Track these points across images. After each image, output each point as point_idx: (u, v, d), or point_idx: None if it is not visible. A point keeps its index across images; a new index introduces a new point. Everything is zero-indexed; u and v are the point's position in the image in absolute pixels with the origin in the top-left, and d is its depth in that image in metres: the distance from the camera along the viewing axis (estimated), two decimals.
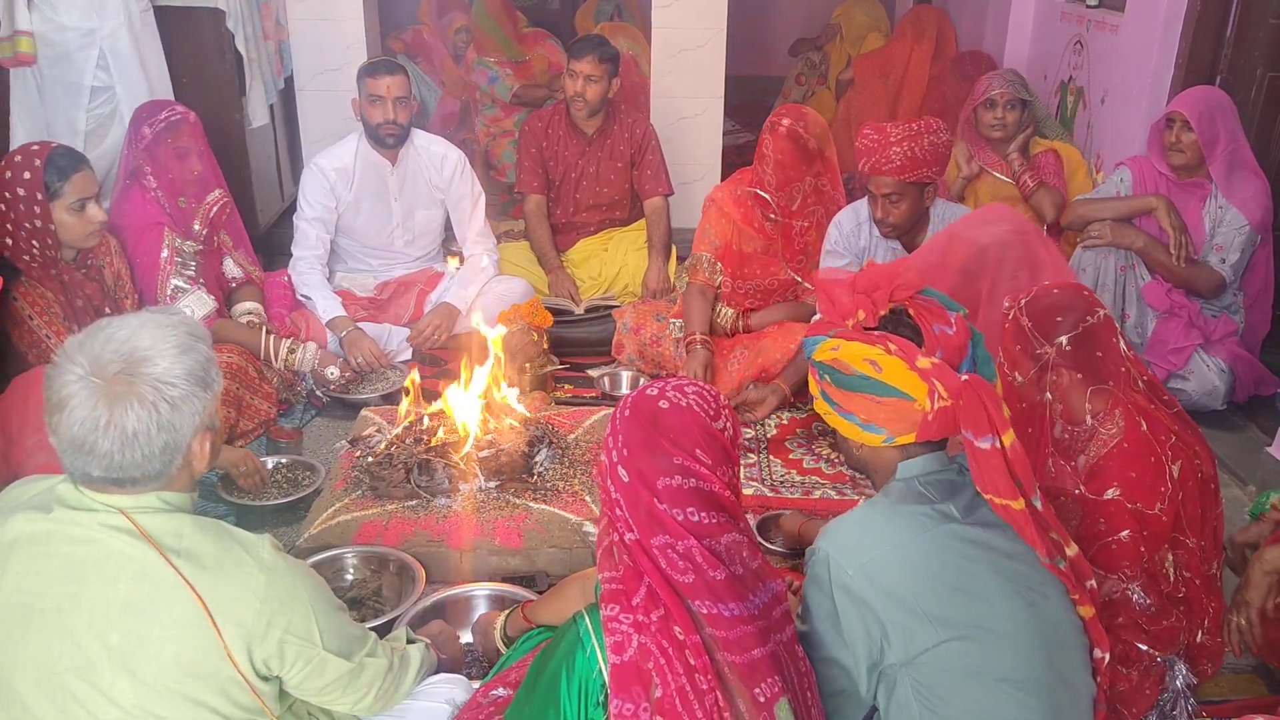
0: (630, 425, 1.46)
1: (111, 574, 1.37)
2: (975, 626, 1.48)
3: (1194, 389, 3.22)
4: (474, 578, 2.41)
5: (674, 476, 1.42)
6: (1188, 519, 1.92)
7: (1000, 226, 2.32)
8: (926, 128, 2.90)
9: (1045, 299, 1.96)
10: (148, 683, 1.37)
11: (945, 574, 1.49)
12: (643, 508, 1.42)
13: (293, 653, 1.46)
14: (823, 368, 1.71)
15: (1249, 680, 2.20)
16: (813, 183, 3.31)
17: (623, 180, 4.08)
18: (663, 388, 1.51)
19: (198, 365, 1.42)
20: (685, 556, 1.40)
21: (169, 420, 1.38)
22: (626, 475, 1.44)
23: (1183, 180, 3.31)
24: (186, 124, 3.14)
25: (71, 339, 1.41)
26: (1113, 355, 1.93)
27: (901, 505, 1.57)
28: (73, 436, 1.35)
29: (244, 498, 2.70)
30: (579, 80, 3.81)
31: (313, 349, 3.22)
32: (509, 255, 4.03)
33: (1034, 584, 1.54)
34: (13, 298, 2.57)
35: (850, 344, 1.68)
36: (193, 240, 3.17)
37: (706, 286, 3.42)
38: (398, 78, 3.43)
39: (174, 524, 1.42)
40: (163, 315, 1.45)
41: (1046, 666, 1.52)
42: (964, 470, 1.61)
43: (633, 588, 1.41)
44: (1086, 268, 3.36)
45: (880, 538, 1.53)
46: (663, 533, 1.40)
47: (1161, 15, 3.73)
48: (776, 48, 7.43)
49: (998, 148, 3.80)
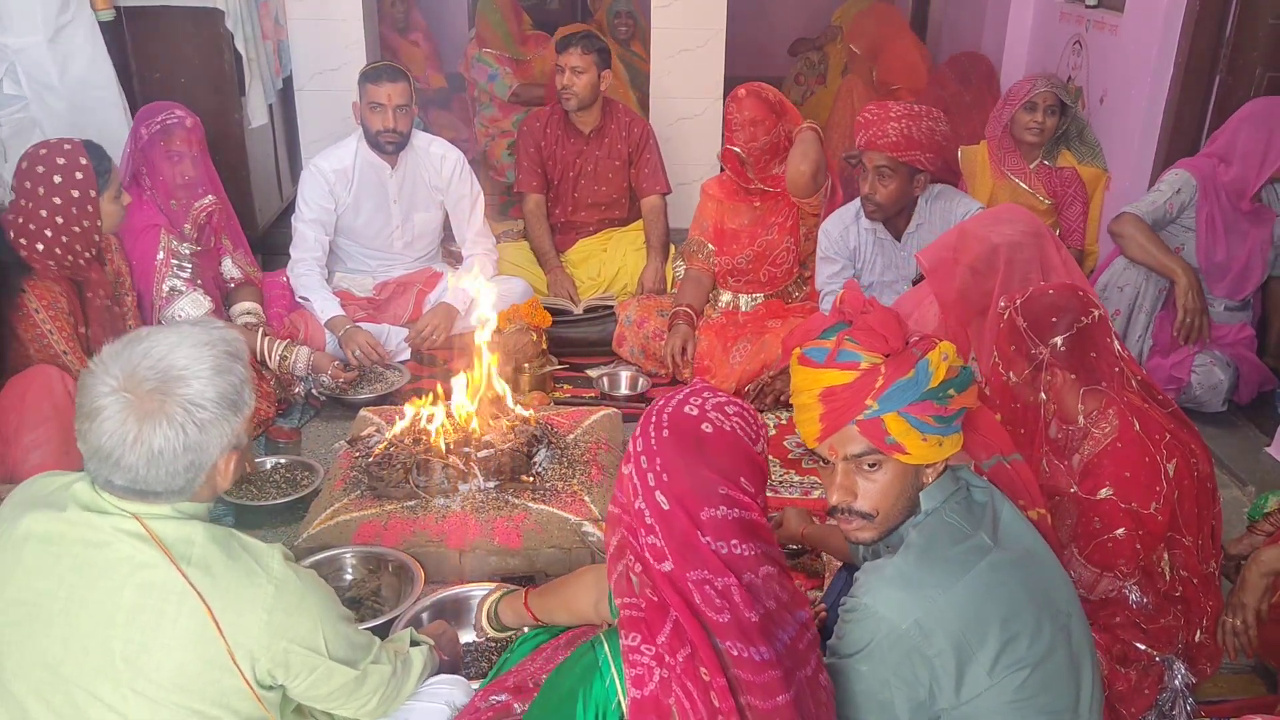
0: (671, 448, 1.36)
1: (119, 580, 1.37)
2: (1023, 663, 1.43)
3: (1198, 382, 3.19)
4: (473, 578, 2.41)
5: (719, 508, 1.34)
6: (1184, 518, 1.92)
7: (1013, 226, 2.32)
8: (927, 113, 2.93)
9: (1041, 299, 1.95)
10: (149, 691, 1.37)
11: (994, 612, 1.43)
12: (682, 539, 1.33)
13: (298, 663, 1.46)
14: (942, 386, 1.50)
15: (1248, 680, 2.19)
16: (785, 132, 3.40)
17: (620, 179, 4.08)
18: (702, 406, 1.40)
19: (231, 388, 1.42)
20: (723, 594, 1.32)
21: (196, 442, 1.38)
22: (666, 502, 1.34)
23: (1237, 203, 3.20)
24: (182, 128, 3.14)
25: (108, 347, 1.41)
26: (1107, 356, 1.93)
27: (939, 549, 1.48)
28: (100, 446, 1.36)
29: (243, 497, 2.69)
30: (566, 73, 3.83)
31: (305, 353, 3.21)
32: (508, 255, 4.02)
33: (1061, 603, 1.51)
34: (21, 289, 2.56)
35: (941, 345, 1.53)
36: (188, 242, 3.17)
37: (703, 271, 3.63)
38: (399, 85, 3.42)
39: (186, 531, 1.42)
40: (203, 332, 1.45)
41: (1076, 692, 1.49)
42: (971, 486, 1.57)
43: (657, 623, 1.33)
44: (1125, 286, 3.24)
45: (929, 589, 1.43)
46: (702, 567, 1.32)
47: (1161, 15, 3.73)
48: (775, 48, 7.42)
49: (1027, 154, 3.79)
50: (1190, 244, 3.24)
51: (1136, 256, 3.21)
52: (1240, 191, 3.16)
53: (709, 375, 3.40)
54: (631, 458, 1.39)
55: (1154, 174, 3.77)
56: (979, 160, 3.88)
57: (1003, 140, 3.81)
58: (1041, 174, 3.81)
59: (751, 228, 3.56)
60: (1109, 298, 3.23)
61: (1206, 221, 3.20)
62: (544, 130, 4.03)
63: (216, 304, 3.23)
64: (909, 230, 3.13)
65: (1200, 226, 3.21)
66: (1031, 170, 3.79)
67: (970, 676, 1.42)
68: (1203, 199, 3.20)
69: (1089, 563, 1.90)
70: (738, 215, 3.58)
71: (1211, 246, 3.21)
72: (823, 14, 6.85)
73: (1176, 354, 3.22)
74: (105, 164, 2.66)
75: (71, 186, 2.55)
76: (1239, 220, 3.20)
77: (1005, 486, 1.64)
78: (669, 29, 4.53)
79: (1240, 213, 3.20)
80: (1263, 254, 3.25)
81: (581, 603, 1.77)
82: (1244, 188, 3.15)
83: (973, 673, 1.42)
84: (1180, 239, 3.26)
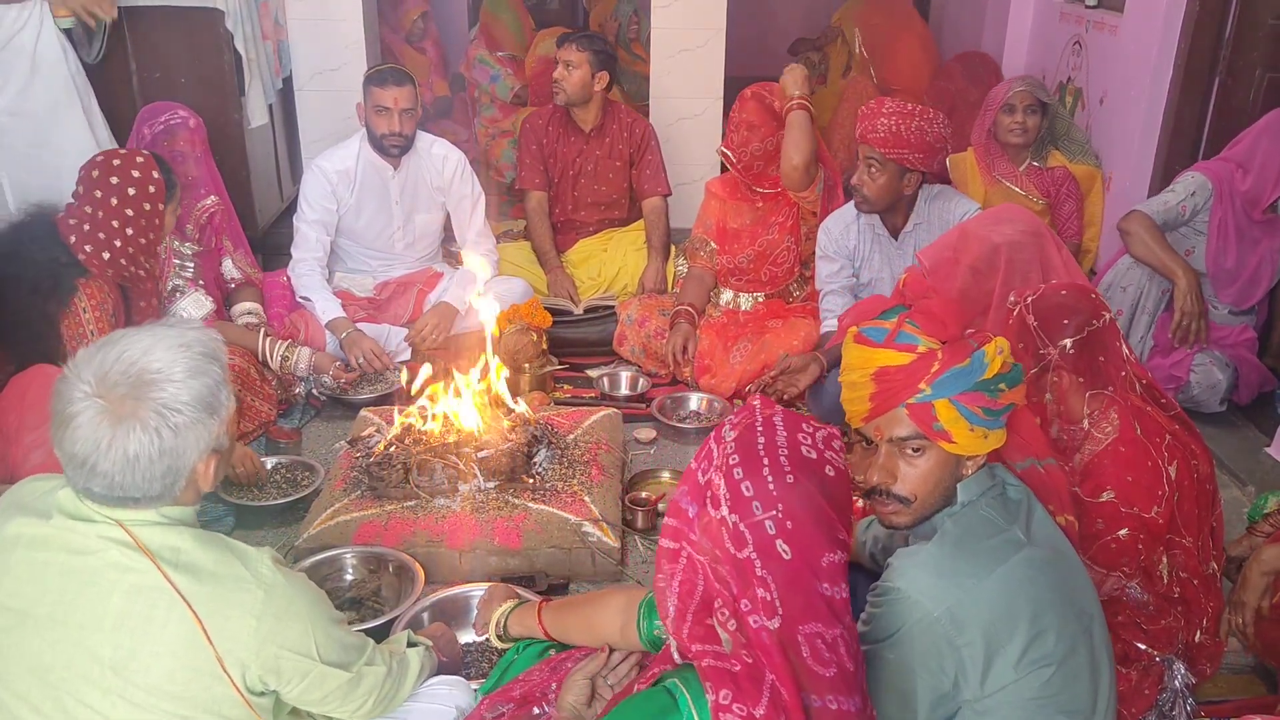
0: (796, 495, 1.27)
1: (106, 587, 1.36)
2: (1049, 660, 1.43)
3: (1197, 382, 3.19)
4: (473, 578, 2.41)
5: (836, 552, 1.28)
6: (1184, 519, 1.92)
7: (1014, 226, 2.32)
8: (922, 113, 2.93)
9: (1053, 299, 1.94)
10: (138, 698, 1.35)
11: (1024, 607, 1.43)
12: (802, 589, 1.25)
13: (290, 668, 1.44)
14: (995, 379, 1.50)
15: (1248, 680, 2.19)
16: (781, 138, 3.38)
17: (621, 179, 4.08)
18: (815, 444, 1.33)
19: (207, 391, 1.39)
20: (831, 647, 1.26)
21: (171, 446, 1.36)
22: (789, 551, 1.25)
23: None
24: (185, 129, 3.16)
25: (83, 350, 1.39)
26: (1115, 360, 1.93)
27: (974, 541, 1.48)
28: (75, 453, 1.34)
29: (243, 498, 2.69)
30: (559, 67, 3.86)
31: (307, 354, 3.22)
32: (508, 255, 4.02)
33: (1085, 605, 1.51)
34: (73, 289, 2.56)
35: (996, 340, 1.53)
36: (190, 242, 3.17)
37: (705, 270, 3.65)
38: (405, 89, 3.41)
39: (173, 538, 1.39)
40: (179, 333, 1.42)
41: (1095, 693, 1.49)
42: (1007, 485, 1.57)
43: (752, 691, 1.25)
44: (1128, 286, 3.24)
45: (963, 577, 1.43)
46: (815, 620, 1.25)
47: (1161, 15, 3.73)
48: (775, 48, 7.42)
49: (1015, 156, 3.78)
50: (1201, 247, 3.23)
51: (1140, 254, 3.21)
52: (1255, 201, 3.14)
53: (709, 374, 3.40)
54: (731, 503, 1.28)
55: (1154, 174, 3.78)
56: (968, 167, 3.87)
57: (989, 146, 3.81)
58: (1032, 175, 3.81)
59: (753, 227, 3.57)
60: (1112, 297, 3.22)
61: (1219, 226, 3.19)
62: (546, 128, 4.04)
63: (218, 304, 3.23)
64: (906, 229, 3.13)
65: (1212, 231, 3.20)
66: (1022, 172, 3.78)
67: (997, 668, 1.41)
68: (1217, 203, 3.18)
69: (1094, 564, 1.90)
70: (740, 214, 3.59)
71: (1222, 251, 3.21)
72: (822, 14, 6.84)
73: (1176, 354, 3.22)
74: (171, 177, 2.73)
75: (145, 200, 2.59)
76: (1251, 228, 3.19)
77: (1037, 489, 1.64)
78: (669, 29, 4.53)
79: (1253, 221, 3.18)
80: (1272, 262, 3.24)
81: (605, 626, 1.72)
82: (1259, 198, 3.13)
83: (999, 665, 1.41)
84: (1191, 241, 3.25)
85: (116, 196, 2.57)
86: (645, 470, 2.94)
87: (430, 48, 5.85)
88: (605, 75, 3.89)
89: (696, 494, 1.34)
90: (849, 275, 3.25)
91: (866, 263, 3.24)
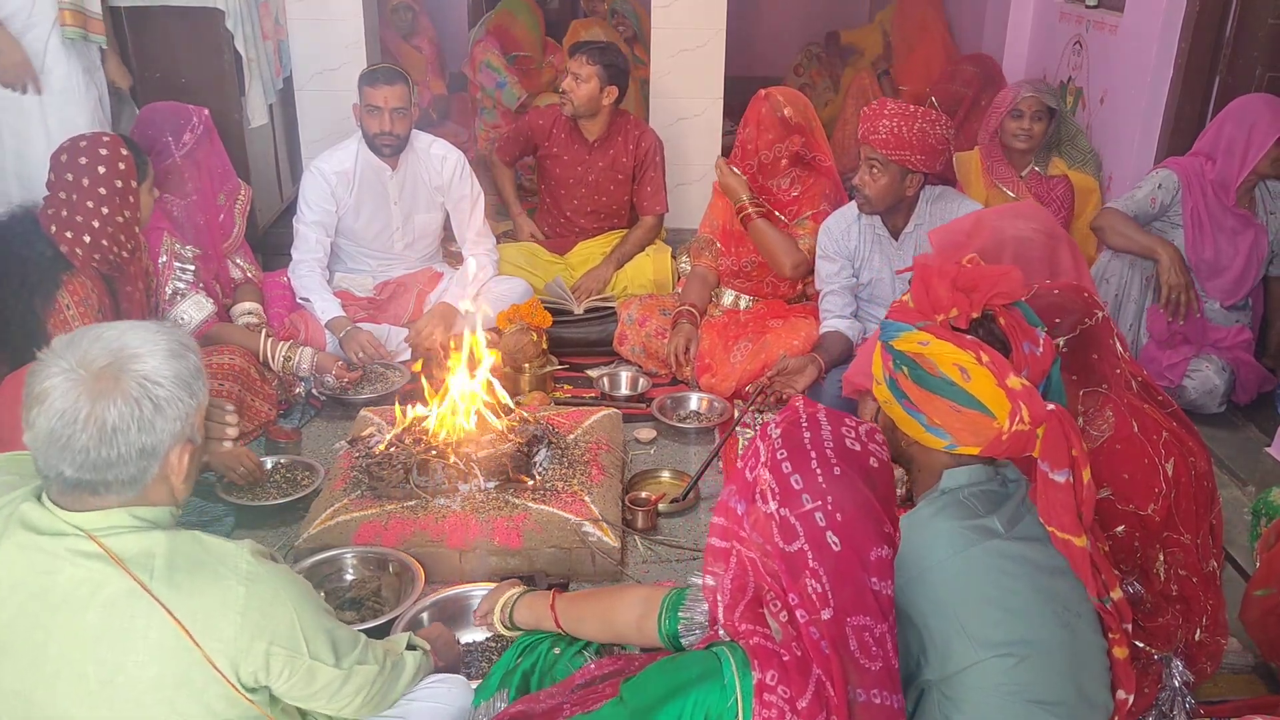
0: (844, 486, 1.29)
1: (81, 604, 1.32)
2: (1013, 646, 1.43)
3: (1194, 386, 3.20)
4: (473, 578, 2.41)
5: (883, 547, 1.29)
6: (1182, 516, 1.92)
7: (1029, 224, 2.31)
8: (924, 115, 2.93)
9: (1045, 298, 1.95)
10: (128, 710, 1.33)
11: (987, 592, 1.44)
12: (852, 582, 1.27)
13: (279, 663, 1.42)
14: (902, 358, 1.56)
15: (1248, 680, 2.19)
16: (787, 148, 3.41)
17: (622, 192, 4.09)
18: (859, 437, 1.35)
19: (186, 371, 1.39)
20: (879, 641, 1.27)
21: (150, 420, 1.33)
22: (839, 543, 1.27)
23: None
24: (209, 126, 3.27)
25: (59, 339, 1.37)
26: (1109, 357, 1.93)
27: (944, 520, 1.49)
28: (50, 430, 1.30)
29: (243, 498, 2.69)
30: (568, 78, 3.86)
31: (309, 353, 3.22)
32: (508, 255, 4.02)
33: (1071, 604, 1.50)
34: (58, 285, 2.55)
35: (942, 343, 1.54)
36: (193, 245, 3.18)
37: (709, 269, 3.66)
38: (396, 88, 3.40)
39: (146, 543, 1.35)
40: (153, 323, 1.43)
41: (1076, 689, 1.49)
42: (1007, 481, 1.57)
43: (798, 682, 1.26)
44: (1110, 278, 3.28)
45: (924, 553, 1.45)
46: (863, 613, 1.26)
47: (1161, 15, 3.73)
48: (775, 48, 7.43)
49: (1017, 162, 3.77)
50: (1178, 240, 3.27)
51: (1117, 245, 3.27)
52: (1224, 185, 3.20)
53: (710, 374, 3.40)
54: (781, 496, 1.31)
55: None
56: (972, 166, 3.87)
57: (990, 149, 3.80)
58: (1031, 182, 3.77)
59: None
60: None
61: (1192, 216, 3.24)
62: (549, 130, 4.04)
63: (219, 305, 3.23)
64: (907, 230, 3.13)
65: (1186, 222, 3.25)
66: (1021, 179, 3.76)
67: (957, 648, 1.43)
68: (1186, 194, 3.24)
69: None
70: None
71: (1199, 242, 3.24)
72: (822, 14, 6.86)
73: (1172, 354, 3.22)
74: (141, 155, 2.71)
75: (115, 177, 2.56)
76: (1226, 217, 3.23)
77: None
78: (669, 29, 4.53)
79: (1227, 209, 3.23)
80: (1258, 255, 3.26)
81: (622, 619, 1.70)
82: (1228, 181, 3.19)
83: (960, 645, 1.42)
84: (1169, 236, 3.28)
85: (88, 177, 2.55)
86: (645, 470, 2.94)
87: (425, 45, 5.82)
88: (615, 90, 3.88)
89: (745, 491, 1.37)
90: (849, 275, 3.25)
91: (867, 263, 3.24)
